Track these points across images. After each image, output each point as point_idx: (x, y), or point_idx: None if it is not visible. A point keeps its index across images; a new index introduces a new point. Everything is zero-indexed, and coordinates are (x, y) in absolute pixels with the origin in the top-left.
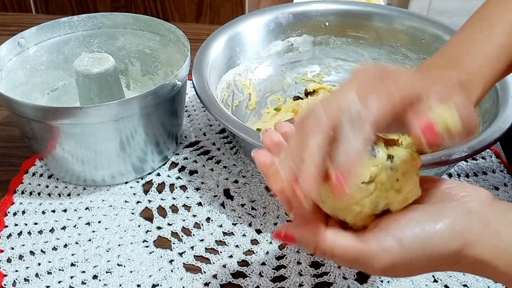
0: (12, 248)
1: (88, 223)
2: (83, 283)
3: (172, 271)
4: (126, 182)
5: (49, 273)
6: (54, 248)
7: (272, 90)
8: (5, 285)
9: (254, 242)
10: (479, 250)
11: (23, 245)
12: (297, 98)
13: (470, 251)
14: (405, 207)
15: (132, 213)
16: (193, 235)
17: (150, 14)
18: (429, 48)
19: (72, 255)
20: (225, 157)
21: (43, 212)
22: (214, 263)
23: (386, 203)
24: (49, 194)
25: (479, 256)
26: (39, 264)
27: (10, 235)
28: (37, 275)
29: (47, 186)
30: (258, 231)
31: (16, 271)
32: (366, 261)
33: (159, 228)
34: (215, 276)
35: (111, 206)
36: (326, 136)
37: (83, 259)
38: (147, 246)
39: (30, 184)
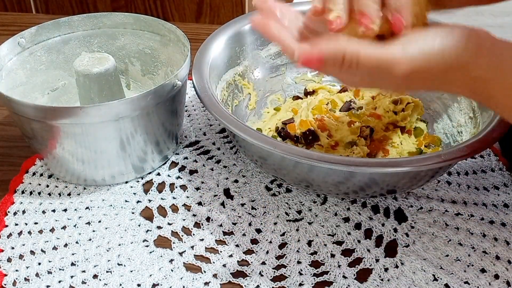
0: (13, 248)
1: (88, 223)
2: (83, 282)
3: (172, 270)
4: (126, 182)
5: (49, 272)
6: (55, 248)
7: (272, 89)
8: (5, 284)
9: (254, 241)
10: (484, 66)
11: (24, 245)
12: (296, 97)
13: (476, 64)
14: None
15: (132, 213)
16: (193, 234)
17: (150, 14)
18: None
19: (73, 254)
20: (225, 156)
21: (43, 212)
22: (214, 262)
23: None
24: (50, 194)
25: (481, 74)
26: (39, 264)
27: (10, 234)
28: (37, 274)
29: (47, 186)
30: (258, 231)
31: (17, 270)
32: (389, 67)
33: (159, 227)
34: (215, 276)
35: (111, 205)
36: None
37: (83, 259)
38: (147, 246)
39: (30, 183)
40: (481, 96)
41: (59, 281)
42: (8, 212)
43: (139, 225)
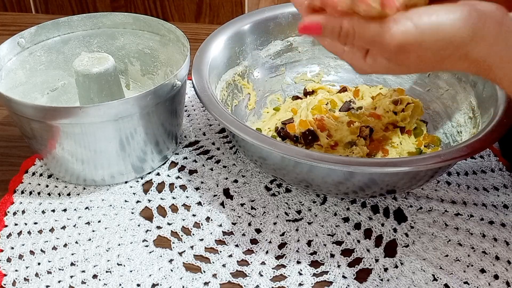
0: (12, 248)
1: (88, 223)
2: (83, 282)
3: (172, 270)
4: (126, 182)
5: (49, 272)
6: (54, 248)
7: (272, 89)
8: (4, 284)
9: (254, 241)
10: (484, 50)
11: (23, 245)
12: (296, 97)
13: (476, 47)
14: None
15: (132, 213)
16: (193, 234)
17: (150, 14)
18: None
19: (72, 254)
20: (225, 156)
21: (43, 212)
22: (213, 262)
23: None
24: (49, 194)
25: (482, 57)
26: (39, 264)
27: (10, 234)
28: (37, 274)
29: (47, 186)
30: (258, 231)
31: (16, 270)
32: (382, 36)
33: (158, 227)
34: (214, 276)
35: (111, 205)
36: None
37: (83, 259)
38: (147, 246)
39: (30, 183)
40: (487, 78)
41: (59, 281)
42: (8, 212)
43: (138, 225)
